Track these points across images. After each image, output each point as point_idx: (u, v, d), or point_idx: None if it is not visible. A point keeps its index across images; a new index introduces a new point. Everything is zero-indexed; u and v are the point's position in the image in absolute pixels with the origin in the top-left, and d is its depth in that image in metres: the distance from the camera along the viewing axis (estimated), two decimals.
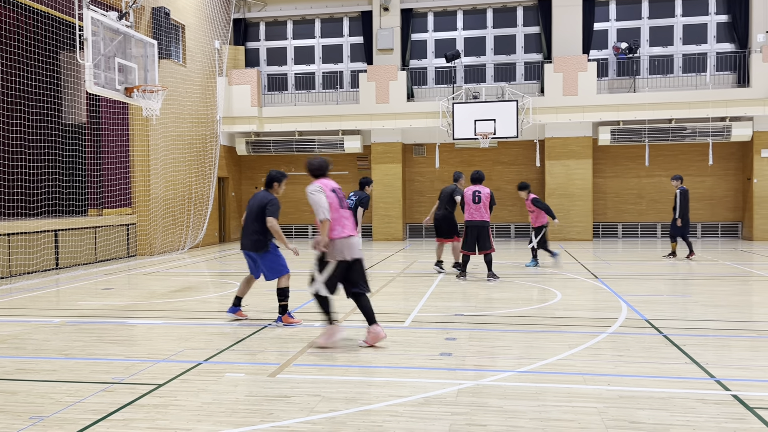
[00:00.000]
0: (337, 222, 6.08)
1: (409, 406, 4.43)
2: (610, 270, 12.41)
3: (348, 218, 6.23)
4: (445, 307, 8.37)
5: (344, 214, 6.19)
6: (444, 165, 21.17)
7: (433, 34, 21.23)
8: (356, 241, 6.25)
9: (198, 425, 4.10)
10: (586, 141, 20.00)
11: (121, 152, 15.95)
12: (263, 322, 7.50)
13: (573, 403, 4.46)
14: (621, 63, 20.08)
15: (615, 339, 6.45)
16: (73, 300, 9.48)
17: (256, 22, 22.08)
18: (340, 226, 6.10)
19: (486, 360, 5.70)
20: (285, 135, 21.33)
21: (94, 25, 10.75)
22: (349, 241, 6.12)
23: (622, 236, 20.77)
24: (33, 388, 4.92)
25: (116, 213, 15.89)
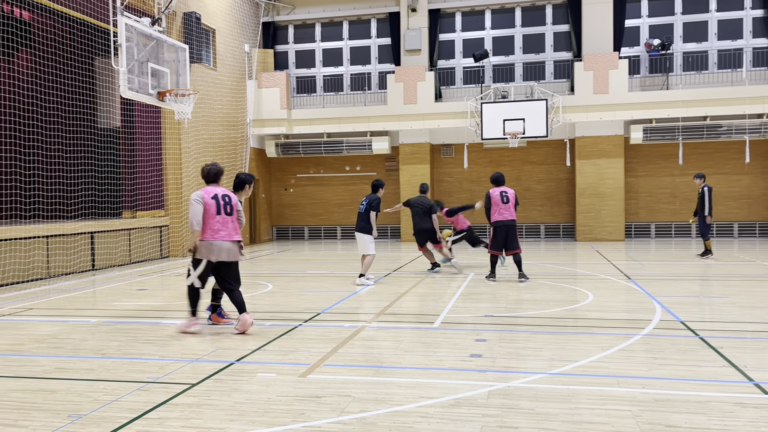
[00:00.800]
0: (208, 226, 6.83)
1: (440, 408, 4.42)
2: (643, 271, 12.20)
3: (223, 223, 6.88)
4: (475, 308, 8.33)
5: (219, 219, 6.87)
6: (473, 165, 21.08)
7: (461, 34, 21.15)
8: (225, 245, 6.88)
9: (231, 425, 4.16)
10: (617, 140, 19.70)
11: (153, 155, 16.24)
12: (294, 322, 7.56)
13: (606, 406, 4.40)
14: (653, 60, 19.73)
15: (649, 341, 6.35)
16: (108, 300, 9.69)
17: (285, 25, 22.27)
18: (211, 230, 6.83)
19: (517, 362, 5.66)
20: (314, 137, 21.47)
21: (128, 31, 10.97)
22: (216, 244, 6.83)
23: (655, 236, 20.40)
24: (71, 387, 5.05)
25: (149, 215, 16.18)
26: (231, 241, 6.94)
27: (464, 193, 21.50)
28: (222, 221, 6.89)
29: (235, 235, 7.00)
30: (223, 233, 6.88)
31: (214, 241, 6.83)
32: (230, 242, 6.94)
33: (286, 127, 20.76)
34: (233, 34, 19.61)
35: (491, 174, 11.38)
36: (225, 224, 6.91)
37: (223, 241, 6.87)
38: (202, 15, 17.47)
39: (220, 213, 6.89)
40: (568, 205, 20.82)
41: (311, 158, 22.09)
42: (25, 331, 7.32)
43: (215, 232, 6.84)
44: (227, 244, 6.90)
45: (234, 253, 6.98)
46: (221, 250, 6.86)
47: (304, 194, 22.64)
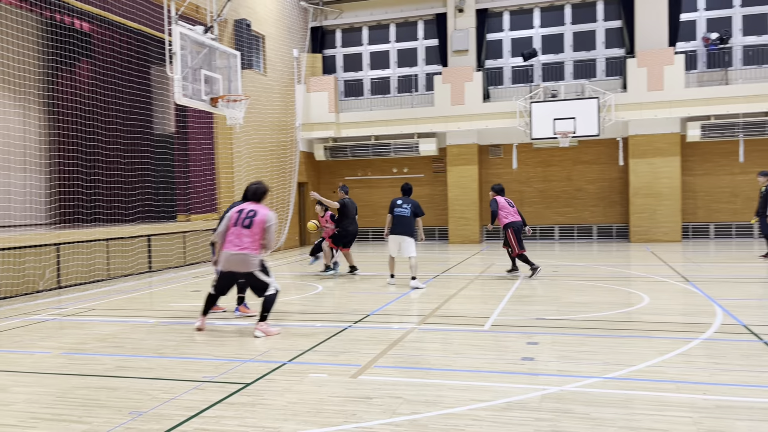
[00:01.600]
0: (225, 238, 7.13)
1: (491, 411, 4.38)
2: (703, 272, 11.79)
3: (237, 235, 7.03)
4: (526, 311, 8.22)
5: (234, 231, 7.07)
6: (522, 165, 20.80)
7: (509, 33, 20.92)
8: (232, 256, 7.02)
9: (284, 424, 4.23)
10: (673, 138, 19.11)
11: (206, 160, 16.65)
12: (343, 323, 7.62)
13: (665, 412, 4.27)
14: (711, 54, 19.05)
15: (710, 345, 6.13)
16: (165, 301, 9.99)
17: (333, 29, 22.49)
18: (226, 241, 7.11)
19: (570, 365, 5.55)
20: (361, 139, 21.61)
21: (182, 39, 11.29)
22: (224, 254, 7.08)
23: (715, 237, 19.68)
24: (132, 385, 5.22)
25: (203, 218, 16.59)
26: (240, 252, 6.98)
27: (513, 194, 21.23)
28: (236, 233, 7.04)
29: (248, 248, 6.99)
30: (233, 245, 7.01)
31: (222, 251, 7.12)
32: (238, 254, 6.98)
33: (334, 131, 20.96)
34: (282, 39, 19.93)
35: (494, 184, 12.32)
36: (239, 236, 7.02)
37: (231, 252, 7.01)
38: (252, 22, 17.82)
39: (237, 225, 7.08)
40: (622, 206, 20.31)
41: (359, 161, 22.24)
42: (88, 331, 7.62)
43: (227, 243, 7.09)
44: (235, 256, 6.99)
45: (244, 264, 7.00)
46: (228, 260, 7.04)
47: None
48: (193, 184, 16.59)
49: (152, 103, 17.29)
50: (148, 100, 16.95)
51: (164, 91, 17.50)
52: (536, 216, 21.07)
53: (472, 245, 19.97)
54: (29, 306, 9.69)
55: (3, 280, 10.30)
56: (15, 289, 10.50)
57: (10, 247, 10.49)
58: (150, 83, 17.15)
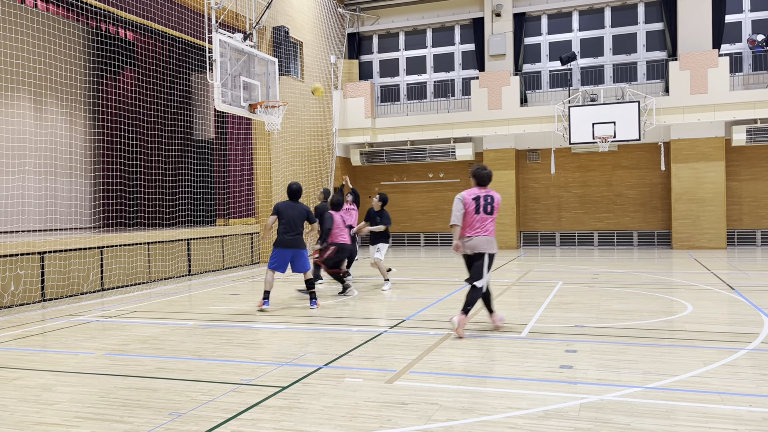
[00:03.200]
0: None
1: (528, 419, 4.32)
2: (749, 281, 11.42)
3: (482, 221, 7.24)
4: (565, 318, 8.09)
5: (479, 218, 7.23)
6: (560, 170, 20.53)
7: (547, 37, 20.69)
8: (484, 240, 7.22)
9: (320, 428, 4.24)
10: (717, 142, 18.60)
11: (245, 165, 16.90)
12: (379, 328, 7.62)
13: (709, 424, 4.14)
14: (757, 57, 18.49)
15: (756, 356, 5.93)
16: (204, 304, 10.15)
17: (369, 35, 22.61)
18: (475, 228, 7.26)
19: (609, 374, 5.43)
20: (397, 144, 21.63)
21: (222, 47, 11.50)
22: (477, 240, 7.23)
23: (762, 244, 19.05)
24: (171, 386, 5.32)
25: (241, 223, 16.82)
26: (490, 237, 7.33)
27: (551, 199, 20.97)
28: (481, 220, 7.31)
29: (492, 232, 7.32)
30: (484, 230, 7.25)
31: (474, 237, 7.26)
32: (490, 238, 7.30)
33: (370, 136, 21.04)
34: (320, 45, 20.12)
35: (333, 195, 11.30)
36: (483, 222, 7.28)
37: (484, 237, 7.26)
38: (291, 28, 18.04)
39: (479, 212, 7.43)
40: (663, 211, 19.84)
41: (395, 166, 22.26)
42: (130, 332, 7.79)
43: (475, 229, 7.26)
44: (487, 240, 7.26)
45: (492, 245, 7.33)
46: (479, 244, 7.23)
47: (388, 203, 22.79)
48: (232, 189, 16.85)
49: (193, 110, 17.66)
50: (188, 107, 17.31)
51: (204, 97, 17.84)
52: (575, 222, 20.75)
53: (510, 251, 19.77)
54: (74, 307, 9.97)
55: (49, 282, 10.63)
56: (61, 290, 10.82)
57: (56, 249, 10.82)
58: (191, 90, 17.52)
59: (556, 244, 20.93)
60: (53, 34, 13.80)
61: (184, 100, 16.88)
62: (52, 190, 14.94)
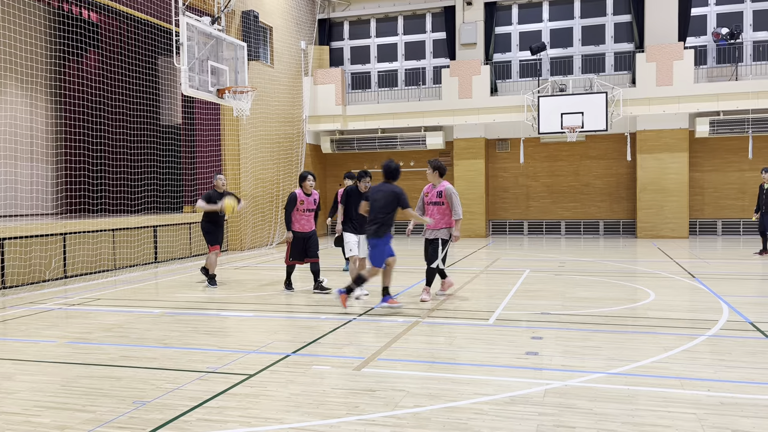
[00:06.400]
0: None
1: (495, 405, 4.37)
2: (709, 269, 11.73)
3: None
4: (531, 306, 8.20)
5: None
6: (529, 160, 20.72)
7: (517, 26, 20.79)
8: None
9: (287, 415, 4.23)
10: (681, 133, 18.99)
11: (213, 151, 16.67)
12: (348, 316, 7.62)
13: (669, 408, 4.25)
14: (721, 50, 18.88)
15: (715, 342, 6.09)
16: (170, 292, 10.02)
17: (340, 21, 22.42)
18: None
19: (574, 360, 5.53)
20: (368, 132, 21.57)
21: (189, 30, 11.26)
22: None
23: (722, 234, 19.57)
24: (136, 375, 5.24)
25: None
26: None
27: (520, 188, 21.18)
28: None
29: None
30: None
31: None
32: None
33: (341, 123, 20.92)
34: (290, 31, 19.89)
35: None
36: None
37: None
38: (260, 13, 17.78)
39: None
40: (629, 201, 20.21)
41: (366, 154, 22.19)
42: (93, 321, 7.65)
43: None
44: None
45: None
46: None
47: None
48: (200, 176, 16.61)
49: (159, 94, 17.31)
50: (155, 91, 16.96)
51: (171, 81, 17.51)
52: (543, 211, 21.00)
53: (479, 239, 19.94)
54: (35, 295, 9.74)
55: (9, 269, 10.36)
56: (21, 278, 10.56)
57: (17, 236, 10.54)
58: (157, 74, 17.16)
59: (524, 233, 21.17)
60: (13, 14, 13.35)
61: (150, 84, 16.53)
62: (12, 175, 14.53)
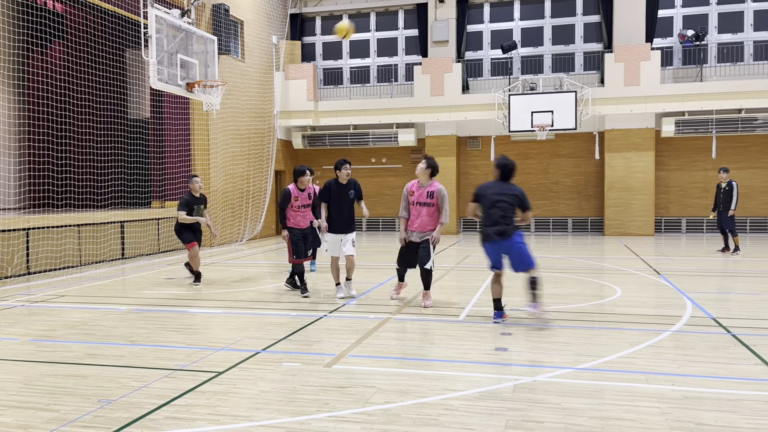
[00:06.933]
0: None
1: (464, 401, 4.40)
2: (674, 266, 11.99)
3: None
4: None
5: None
6: None
7: (489, 25, 20.93)
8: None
9: (256, 413, 4.20)
10: (648, 133, 19.35)
11: (182, 146, 16.43)
12: (319, 313, 7.59)
13: (635, 403, 4.33)
14: (687, 51, 19.29)
15: (679, 337, 6.23)
16: (137, 289, 9.85)
17: (312, 16, 22.29)
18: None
19: (542, 356, 5.60)
20: (340, 128, 21.50)
21: (158, 22, 11.08)
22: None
23: (686, 231, 20.01)
24: (102, 373, 5.14)
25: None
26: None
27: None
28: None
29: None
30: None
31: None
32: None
33: (312, 119, 20.81)
34: (261, 25, 19.69)
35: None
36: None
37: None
38: (231, 7, 17.57)
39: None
40: (597, 199, 20.53)
41: (337, 150, 22.12)
42: (58, 318, 7.48)
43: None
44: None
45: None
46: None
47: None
48: (168, 170, 16.36)
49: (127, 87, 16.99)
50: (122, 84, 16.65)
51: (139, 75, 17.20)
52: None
53: (450, 236, 20.04)
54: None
55: None
56: None
57: None
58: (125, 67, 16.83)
59: None
60: None
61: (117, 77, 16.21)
62: None
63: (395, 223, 22.07)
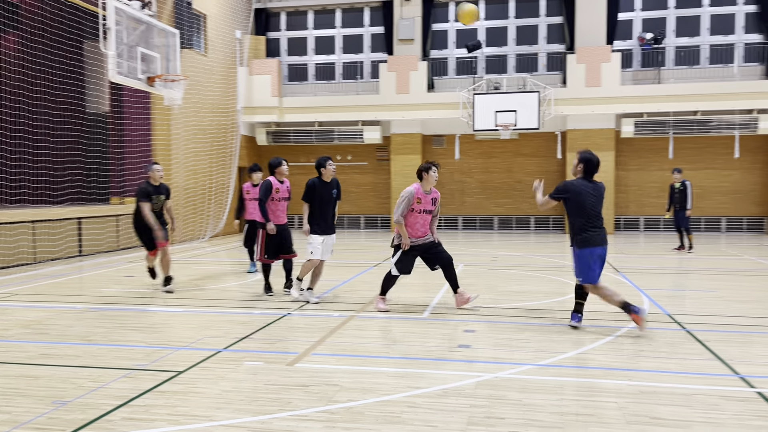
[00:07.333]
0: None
1: (427, 398, 4.42)
2: (632, 264, 12.27)
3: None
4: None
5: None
6: (464, 156, 21.06)
7: (454, 24, 21.04)
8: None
9: (217, 413, 4.14)
10: (608, 133, 19.74)
11: (143, 141, 16.09)
12: (282, 311, 7.53)
13: (593, 398, 4.42)
14: (646, 54, 19.74)
15: (636, 334, 6.37)
16: (96, 287, 9.61)
17: (277, 11, 22.08)
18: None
19: (504, 353, 5.66)
20: (305, 125, 21.36)
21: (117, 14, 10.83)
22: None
23: (644, 230, 20.51)
24: (56, 373, 5.00)
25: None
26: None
27: (455, 184, 21.50)
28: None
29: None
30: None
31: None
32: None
33: (277, 115, 20.63)
34: (225, 19, 19.41)
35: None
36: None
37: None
38: (193, 0, 17.27)
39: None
40: None
41: (302, 147, 21.98)
42: (11, 317, 7.25)
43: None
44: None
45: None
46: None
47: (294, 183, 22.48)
48: (128, 166, 16.00)
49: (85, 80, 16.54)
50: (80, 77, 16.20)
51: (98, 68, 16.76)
52: (477, 206, 21.40)
53: None
54: None
55: None
56: None
57: None
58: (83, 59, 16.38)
59: (458, 228, 21.52)
60: None
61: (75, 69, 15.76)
62: None
63: (360, 221, 22.05)
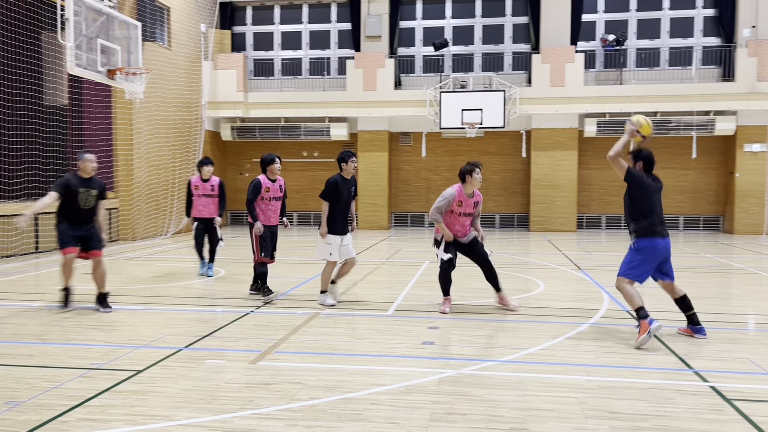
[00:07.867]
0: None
1: (390, 395, 4.42)
2: (593, 261, 12.50)
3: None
4: (429, 296, 8.37)
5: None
6: (430, 154, 21.14)
7: (421, 22, 21.11)
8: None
9: (177, 412, 4.07)
10: (572, 132, 20.06)
11: (103, 136, 15.72)
12: (246, 308, 7.45)
13: (553, 393, 4.48)
14: (608, 55, 20.12)
15: (596, 330, 6.50)
16: (52, 284, 9.35)
17: (243, 6, 21.81)
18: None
19: (468, 349, 5.71)
20: (271, 121, 21.16)
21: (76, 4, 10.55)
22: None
23: (606, 228, 20.91)
24: (9, 373, 4.85)
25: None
26: None
27: (422, 181, 21.58)
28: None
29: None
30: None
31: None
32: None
33: (242, 110, 20.39)
34: (189, 13, 19.09)
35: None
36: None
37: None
38: None
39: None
40: (523, 196, 21.13)
41: (268, 143, 21.76)
42: None
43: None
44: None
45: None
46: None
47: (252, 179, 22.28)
48: None
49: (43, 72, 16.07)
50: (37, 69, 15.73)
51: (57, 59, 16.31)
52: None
53: (381, 231, 20.14)
54: None
55: None
56: None
57: None
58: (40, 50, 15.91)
59: (425, 225, 21.62)
60: None
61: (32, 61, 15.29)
62: None
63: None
